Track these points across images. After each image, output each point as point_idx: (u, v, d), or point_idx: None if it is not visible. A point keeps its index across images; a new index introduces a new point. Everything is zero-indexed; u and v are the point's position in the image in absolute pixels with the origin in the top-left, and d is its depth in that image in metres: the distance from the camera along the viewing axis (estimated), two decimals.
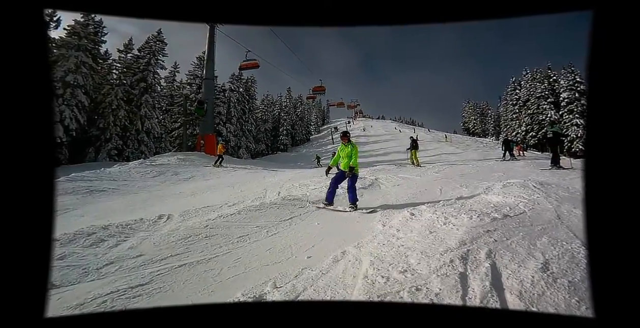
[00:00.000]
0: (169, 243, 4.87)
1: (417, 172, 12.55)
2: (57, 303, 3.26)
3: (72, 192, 9.53)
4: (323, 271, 3.47)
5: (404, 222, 4.83)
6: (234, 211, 6.08)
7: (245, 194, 8.65)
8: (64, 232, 5.30)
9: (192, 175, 13.62)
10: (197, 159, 18.24)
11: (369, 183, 9.29)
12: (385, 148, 32.56)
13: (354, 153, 6.39)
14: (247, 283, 3.42)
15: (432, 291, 2.64)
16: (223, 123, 34.55)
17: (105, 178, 12.36)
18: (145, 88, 28.25)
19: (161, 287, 3.54)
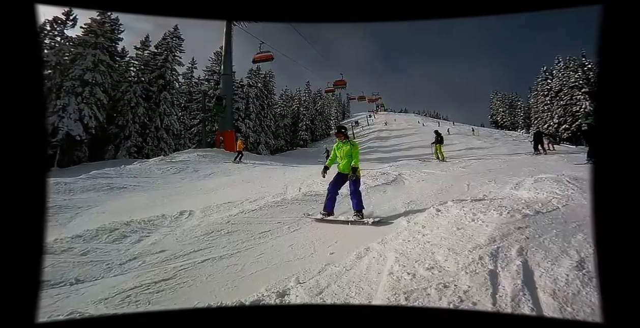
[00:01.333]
0: (192, 238, 5.05)
1: (442, 167, 12.36)
2: (81, 298, 3.49)
3: (92, 189, 9.93)
4: (347, 267, 3.51)
5: (429, 218, 4.79)
6: (255, 207, 6.21)
7: (266, 190, 8.78)
8: (86, 229, 5.57)
9: (213, 171, 13.93)
10: (217, 155, 18.59)
11: (392, 178, 9.23)
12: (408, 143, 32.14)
13: (354, 152, 5.64)
14: (271, 278, 3.50)
15: (460, 288, 2.63)
16: (242, 118, 35.03)
17: (126, 175, 12.83)
18: (163, 85, 28.95)
19: (185, 282, 3.68)
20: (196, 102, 34.16)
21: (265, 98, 39.72)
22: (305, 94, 53.19)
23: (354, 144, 5.76)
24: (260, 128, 36.98)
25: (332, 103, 66.68)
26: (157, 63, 29.29)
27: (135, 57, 29.44)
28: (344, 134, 5.87)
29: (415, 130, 43.39)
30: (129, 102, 26.60)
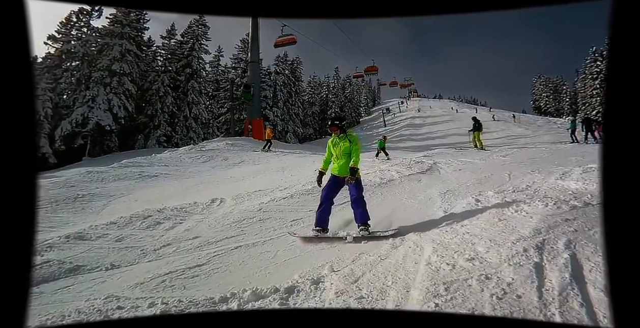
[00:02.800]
0: (224, 225, 5.24)
1: (480, 156, 11.99)
2: (117, 282, 3.72)
3: (124, 177, 10.42)
4: (381, 256, 3.53)
5: (468, 209, 4.73)
6: (286, 195, 6.32)
7: (296, 178, 8.89)
8: (120, 216, 5.89)
9: (242, 160, 14.24)
10: (246, 144, 19.01)
11: (427, 167, 9.07)
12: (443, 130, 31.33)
13: (354, 148, 4.55)
14: (304, 265, 3.58)
15: (503, 280, 2.59)
16: (269, 107, 35.38)
17: (157, 163, 13.35)
18: (190, 74, 29.65)
19: (219, 268, 3.84)
20: (223, 90, 34.78)
21: (292, 86, 39.82)
22: (334, 81, 52.83)
23: (354, 140, 4.63)
24: (288, 116, 37.24)
25: (362, 90, 65.81)
26: (184, 52, 29.96)
27: (161, 46, 30.28)
28: (339, 126, 4.64)
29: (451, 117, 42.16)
30: (157, 91, 27.48)
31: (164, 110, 27.21)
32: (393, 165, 9.68)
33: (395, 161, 11.15)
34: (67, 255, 4.39)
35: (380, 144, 15.28)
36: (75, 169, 14.29)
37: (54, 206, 7.59)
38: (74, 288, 3.60)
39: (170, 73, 28.68)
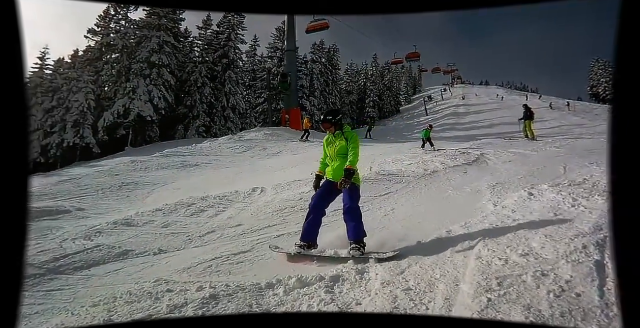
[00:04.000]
0: (266, 214, 5.43)
1: (532, 146, 11.47)
2: (165, 266, 3.96)
3: (167, 166, 10.97)
4: (427, 249, 3.52)
5: (520, 202, 4.59)
6: None
7: None
8: (165, 203, 6.24)
9: (280, 150, 14.54)
10: (283, 134, 19.35)
11: (473, 158, 8.83)
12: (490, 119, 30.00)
13: (351, 147, 3.87)
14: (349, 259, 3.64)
15: (561, 277, 2.52)
16: (306, 96, 35.52)
17: (197, 153, 13.93)
18: (227, 64, 30.25)
19: (262, 255, 4.00)
20: (260, 80, 35.30)
21: (329, 74, 39.66)
22: (372, 68, 51.88)
23: (351, 137, 3.93)
24: (325, 105, 37.21)
25: (402, 77, 64.28)
26: (220, 42, 30.58)
27: (198, 37, 31.01)
28: (333, 122, 3.93)
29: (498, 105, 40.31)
30: (195, 82, 28.36)
31: (202, 100, 28.09)
32: (437, 156, 9.51)
33: (439, 152, 10.92)
34: (116, 239, 4.73)
35: (425, 133, 14.64)
36: (119, 158, 15.23)
37: (100, 194, 8.22)
38: (123, 271, 3.87)
39: (207, 64, 29.44)
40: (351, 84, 46.55)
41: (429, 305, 2.49)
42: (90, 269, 4.00)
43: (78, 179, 10.21)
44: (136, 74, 24.73)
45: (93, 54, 26.01)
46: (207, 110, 28.03)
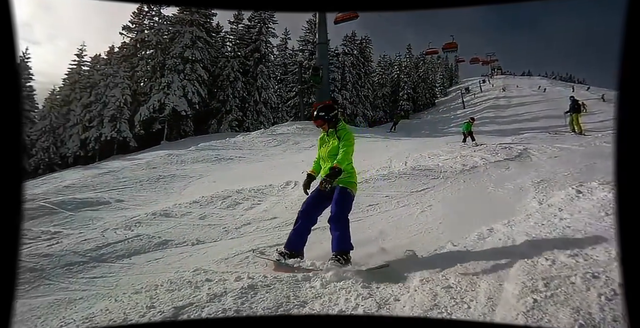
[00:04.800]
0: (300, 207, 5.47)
1: (580, 141, 10.93)
2: (203, 257, 4.12)
3: (202, 160, 11.34)
4: (467, 247, 3.47)
5: (568, 201, 4.41)
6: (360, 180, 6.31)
7: (369, 163, 8.94)
8: (201, 195, 6.47)
9: (313, 144, 14.53)
10: (315, 128, 19.08)
11: (516, 153, 8.54)
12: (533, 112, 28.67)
13: (342, 144, 3.48)
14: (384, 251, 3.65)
15: (613, 280, 2.42)
16: (338, 89, 35.38)
17: (231, 147, 14.32)
18: (259, 58, 30.67)
19: None
20: (292, 74, 35.52)
21: (362, 66, 39.29)
22: (406, 60, 50.80)
23: (344, 135, 3.54)
24: (357, 98, 36.98)
25: (437, 68, 62.60)
26: (252, 36, 31.00)
27: (230, 31, 31.59)
28: (326, 119, 3.58)
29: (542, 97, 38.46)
30: (227, 77, 28.96)
31: (234, 95, 28.68)
32: (476, 151, 9.27)
33: (479, 147, 10.63)
34: (155, 230, 4.98)
35: (466, 127, 13.90)
36: (155, 152, 15.92)
37: (138, 186, 8.66)
38: (163, 260, 4.06)
39: (239, 58, 29.97)
40: (384, 76, 45.91)
41: (470, 304, 2.46)
42: (131, 258, 4.22)
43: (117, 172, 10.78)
44: (170, 70, 25.56)
45: (128, 50, 27.11)
46: (239, 104, 28.60)
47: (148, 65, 26.60)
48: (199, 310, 2.54)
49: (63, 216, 6.45)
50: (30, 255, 4.36)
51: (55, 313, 3.05)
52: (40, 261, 4.17)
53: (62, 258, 4.24)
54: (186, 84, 25.64)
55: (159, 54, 26.45)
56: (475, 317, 2.28)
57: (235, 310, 2.51)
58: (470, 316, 2.33)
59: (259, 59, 30.31)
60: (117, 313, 2.61)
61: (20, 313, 3.15)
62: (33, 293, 3.56)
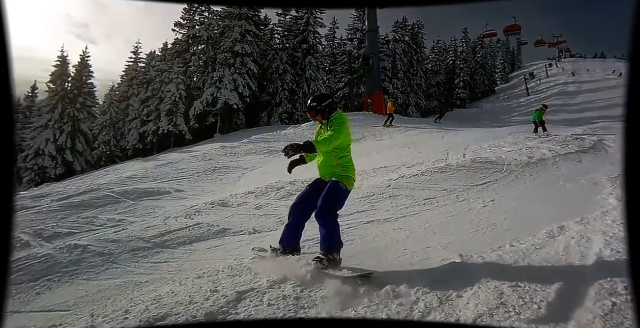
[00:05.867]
0: (353, 199, 5.50)
1: None
2: (260, 245, 4.18)
3: (254, 152, 11.77)
4: (536, 245, 3.30)
5: None
6: (415, 173, 6.33)
7: (424, 155, 8.79)
8: (256, 186, 6.72)
9: (363, 136, 14.54)
10: (365, 119, 19.18)
11: (589, 144, 7.96)
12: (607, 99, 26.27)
13: (332, 129, 3.19)
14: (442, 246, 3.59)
15: None
16: (389, 78, 34.70)
17: (282, 139, 14.65)
18: (307, 49, 30.84)
19: (353, 240, 4.11)
20: (340, 64, 35.40)
21: (414, 53, 38.17)
22: (462, 44, 48.51)
23: (335, 122, 3.27)
24: (409, 87, 36.10)
25: (497, 52, 59.23)
26: (299, 27, 31.21)
27: (277, 23, 32.03)
28: (319, 110, 3.38)
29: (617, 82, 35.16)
30: (276, 69, 29.47)
31: (284, 87, 29.18)
32: (543, 142, 8.77)
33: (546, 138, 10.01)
34: (214, 219, 5.27)
35: (537, 115, 12.40)
36: (210, 144, 16.72)
37: (195, 177, 9.28)
38: (222, 247, 4.30)
39: (287, 50, 30.35)
40: (438, 63, 44.22)
41: (541, 304, 2.36)
42: (192, 244, 4.53)
43: (174, 164, 11.51)
44: (221, 64, 26.48)
45: (181, 46, 28.40)
46: (289, 97, 29.07)
47: (200, 60, 27.76)
48: (260, 295, 2.66)
49: (126, 205, 7.06)
50: (99, 240, 4.83)
51: (124, 295, 3.36)
52: (108, 246, 4.60)
53: (128, 244, 4.65)
54: (237, 78, 26.46)
55: (210, 49, 27.47)
56: (549, 319, 2.19)
57: (294, 298, 2.61)
58: (542, 317, 2.24)
59: (307, 50, 30.51)
60: (183, 296, 2.80)
61: (90, 293, 3.50)
62: (102, 276, 3.94)
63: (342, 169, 3.24)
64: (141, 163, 14.50)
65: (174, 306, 2.63)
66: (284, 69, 29.21)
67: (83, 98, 24.63)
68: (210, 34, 27.33)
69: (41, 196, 8.43)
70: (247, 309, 2.53)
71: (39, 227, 5.78)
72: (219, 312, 2.50)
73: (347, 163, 3.28)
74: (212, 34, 27.48)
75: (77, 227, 5.71)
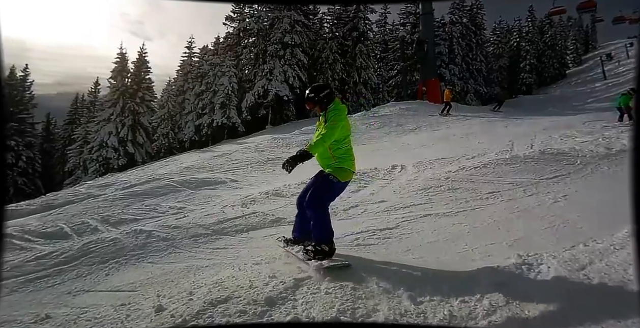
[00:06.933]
0: (409, 192, 5.49)
1: None
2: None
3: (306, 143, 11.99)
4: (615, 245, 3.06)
5: None
6: (477, 165, 6.09)
7: (486, 146, 8.43)
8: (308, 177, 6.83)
9: (418, 126, 14.25)
10: (420, 108, 18.75)
11: None
12: None
13: (326, 126, 3.17)
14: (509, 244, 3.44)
15: None
16: (445, 64, 33.28)
17: None
18: (357, 37, 30.36)
19: (409, 233, 4.08)
20: (392, 51, 34.61)
21: (472, 36, 36.27)
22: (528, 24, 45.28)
23: (331, 116, 3.20)
24: (467, 73, 34.48)
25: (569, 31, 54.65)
26: (349, 14, 30.82)
27: (327, 12, 31.88)
28: (316, 101, 3.34)
29: None
30: (326, 59, 29.41)
31: (334, 77, 29.13)
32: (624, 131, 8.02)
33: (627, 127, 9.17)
34: (269, 208, 5.48)
35: (623, 100, 10.97)
36: (262, 136, 17.24)
37: (249, 168, 9.76)
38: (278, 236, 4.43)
39: (337, 39, 30.18)
40: (500, 45, 41.80)
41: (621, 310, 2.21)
42: (249, 232, 4.76)
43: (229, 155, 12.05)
44: (272, 56, 26.96)
45: (232, 39, 29.24)
46: (339, 87, 29.03)
47: (251, 53, 28.45)
48: (317, 283, 2.74)
49: (186, 194, 7.53)
50: (162, 226, 5.20)
51: (186, 278, 3.60)
52: (171, 232, 4.95)
53: (189, 230, 4.97)
54: (287, 69, 26.84)
55: (260, 41, 28.04)
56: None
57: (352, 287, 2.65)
58: (622, 326, 2.11)
59: (357, 38, 30.16)
60: (243, 280, 2.95)
61: (155, 276, 3.79)
62: (166, 260, 4.26)
63: (336, 161, 3.24)
64: (198, 154, 15.31)
65: (235, 289, 2.77)
66: (333, 58, 29.15)
67: (142, 93, 26.22)
68: (260, 26, 27.88)
69: (106, 185, 9.21)
70: (305, 296, 2.61)
71: (106, 214, 6.35)
72: (278, 297, 2.61)
73: (342, 154, 3.26)
74: (262, 26, 28.02)
75: (141, 214, 6.19)
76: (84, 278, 3.96)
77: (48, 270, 4.13)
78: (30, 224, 6.04)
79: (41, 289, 3.78)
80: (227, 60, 26.45)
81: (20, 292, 3.74)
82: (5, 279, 3.94)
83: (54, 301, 3.46)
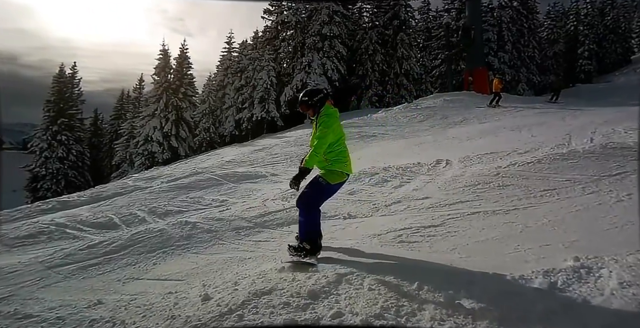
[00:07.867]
0: (455, 188, 5.36)
1: None
2: (355, 230, 4.45)
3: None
4: None
5: None
6: (530, 160, 5.83)
7: (540, 139, 8.04)
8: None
9: (464, 118, 13.82)
10: (467, 99, 18.23)
11: None
12: None
13: (317, 135, 3.36)
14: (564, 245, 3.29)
15: None
16: (494, 52, 31.83)
17: (373, 123, 14.70)
18: (398, 26, 29.64)
19: (455, 232, 3.98)
20: (436, 39, 33.61)
21: (524, 21, 34.39)
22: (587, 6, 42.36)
23: (321, 122, 3.36)
24: (519, 61, 32.83)
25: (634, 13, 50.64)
26: (390, 2, 30.17)
27: (366, 1, 31.32)
28: (311, 104, 3.49)
29: None
30: (366, 50, 29.03)
31: (374, 69, 28.77)
32: None
33: None
34: None
35: None
36: (301, 130, 17.47)
37: (289, 162, 10.09)
38: None
39: (377, 28, 29.65)
40: (555, 30, 39.32)
41: None
42: (290, 226, 4.89)
43: (269, 149, 12.31)
44: (310, 48, 27.06)
45: (270, 33, 29.61)
46: (379, 78, 28.70)
47: (289, 46, 28.70)
48: (360, 279, 2.76)
49: (228, 187, 7.82)
50: (206, 218, 5.44)
51: (230, 269, 3.78)
52: (214, 224, 5.18)
53: (231, 223, 5.20)
54: (325, 62, 26.86)
55: (298, 34, 28.20)
56: None
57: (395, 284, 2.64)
58: None
59: (398, 27, 29.54)
60: (287, 273, 3.06)
61: (200, 266, 4.01)
62: (210, 251, 4.48)
63: (328, 163, 3.39)
64: (238, 149, 15.75)
65: (278, 282, 2.87)
66: (373, 49, 28.78)
67: (184, 88, 27.24)
68: (298, 19, 28.05)
69: (152, 178, 9.69)
70: (348, 291, 2.64)
71: (152, 205, 6.71)
72: (321, 291, 2.67)
73: (334, 157, 3.40)
74: (300, 18, 28.17)
75: (186, 206, 6.50)
76: (132, 267, 4.24)
77: (99, 258, 4.46)
78: (81, 214, 6.52)
79: (93, 276, 4.09)
80: (266, 54, 26.86)
81: (74, 278, 4.07)
82: (59, 266, 4.30)
83: (104, 288, 3.74)
